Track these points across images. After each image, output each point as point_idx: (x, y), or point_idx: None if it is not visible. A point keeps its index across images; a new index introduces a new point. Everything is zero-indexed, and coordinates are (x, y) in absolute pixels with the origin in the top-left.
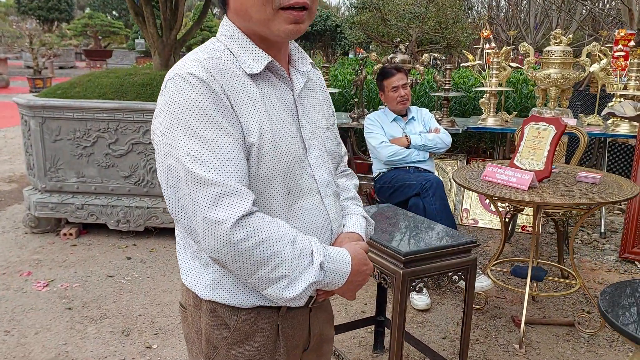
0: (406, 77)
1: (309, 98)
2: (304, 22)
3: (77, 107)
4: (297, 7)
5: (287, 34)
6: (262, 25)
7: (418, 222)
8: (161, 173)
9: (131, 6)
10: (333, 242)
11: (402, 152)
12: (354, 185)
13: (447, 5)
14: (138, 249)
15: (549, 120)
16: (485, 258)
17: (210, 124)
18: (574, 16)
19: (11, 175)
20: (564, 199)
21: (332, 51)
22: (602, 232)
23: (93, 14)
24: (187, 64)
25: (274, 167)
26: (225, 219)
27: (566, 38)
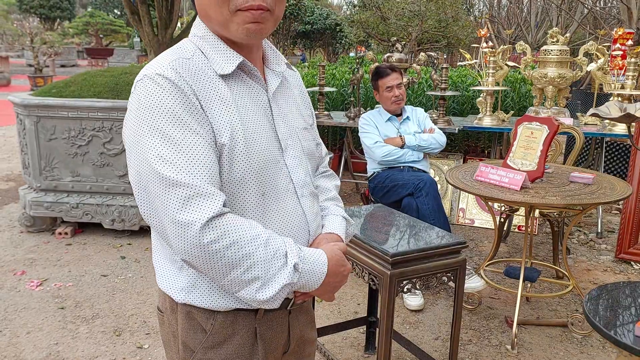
0: (401, 77)
1: (285, 98)
2: (264, 21)
3: (71, 106)
4: (254, 8)
5: (246, 34)
6: (222, 26)
7: (409, 222)
8: (132, 175)
9: (127, 5)
10: (310, 243)
11: (396, 152)
12: (334, 186)
13: (447, 4)
14: (133, 248)
15: (542, 120)
16: (481, 258)
17: (179, 124)
18: (574, 15)
19: (9, 174)
20: (556, 199)
21: (333, 49)
22: (598, 232)
23: (95, 12)
24: (156, 65)
25: (247, 168)
26: (195, 220)
27: (563, 37)
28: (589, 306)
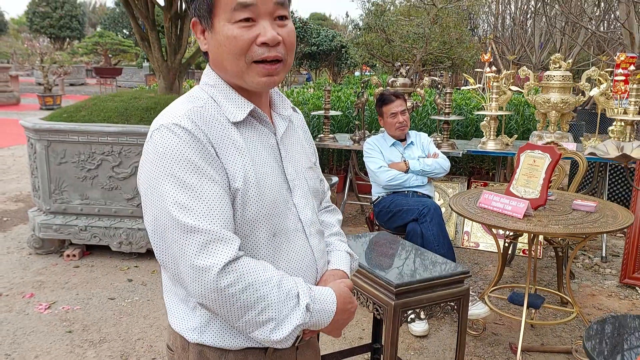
0: (405, 103)
1: (291, 140)
2: (278, 74)
3: (82, 131)
4: (270, 60)
5: (261, 86)
6: (237, 77)
7: (413, 251)
8: (148, 221)
9: (137, 31)
10: (318, 280)
11: (401, 177)
12: (337, 220)
13: (452, 26)
14: (140, 271)
15: (544, 148)
16: (485, 282)
17: (196, 171)
18: (577, 38)
19: (18, 194)
20: (558, 228)
21: (338, 69)
22: (603, 257)
23: (104, 32)
24: (172, 115)
25: (259, 210)
26: (212, 265)
27: (565, 63)
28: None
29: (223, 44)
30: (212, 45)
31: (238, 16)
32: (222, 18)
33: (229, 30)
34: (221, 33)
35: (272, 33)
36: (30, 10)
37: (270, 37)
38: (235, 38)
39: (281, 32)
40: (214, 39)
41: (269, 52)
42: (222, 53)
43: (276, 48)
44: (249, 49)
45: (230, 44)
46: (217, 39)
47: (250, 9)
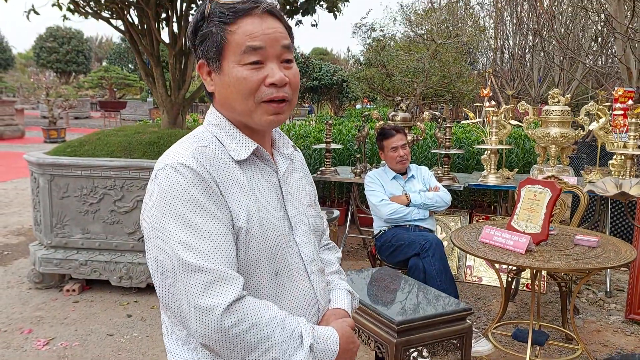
0: (405, 137)
1: (292, 178)
2: (284, 112)
3: (85, 165)
4: (277, 100)
5: (268, 124)
6: (245, 116)
7: (414, 287)
8: (151, 260)
9: (142, 67)
10: (320, 319)
11: (402, 210)
12: (337, 258)
13: (451, 61)
14: (139, 306)
15: (545, 183)
16: (489, 317)
17: (201, 210)
18: (576, 72)
19: (19, 227)
20: (561, 263)
21: (340, 103)
22: (607, 291)
23: (109, 67)
24: (177, 154)
25: (261, 248)
26: (216, 305)
27: (564, 98)
28: None
29: (232, 84)
30: (220, 86)
31: (248, 59)
32: (232, 60)
33: (238, 72)
34: (230, 74)
35: (280, 75)
36: (37, 45)
37: (278, 78)
38: (245, 79)
39: (287, 74)
40: (222, 80)
41: (277, 92)
42: (230, 93)
43: (283, 88)
44: (257, 90)
45: (240, 84)
46: (226, 80)
47: (260, 52)
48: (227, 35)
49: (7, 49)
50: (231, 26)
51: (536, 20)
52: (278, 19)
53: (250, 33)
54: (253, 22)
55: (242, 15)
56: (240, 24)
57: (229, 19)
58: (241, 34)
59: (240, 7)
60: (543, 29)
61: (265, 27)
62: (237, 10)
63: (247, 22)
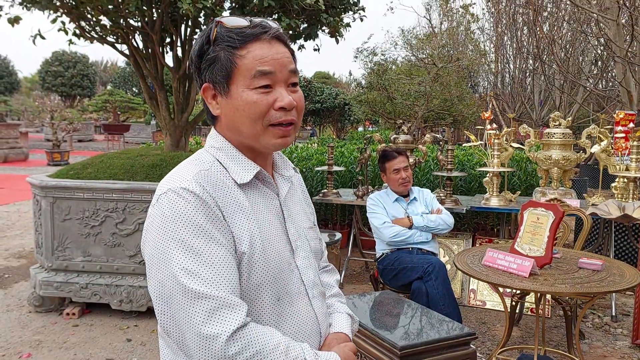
0: (407, 159)
1: (293, 200)
2: (290, 135)
3: (87, 188)
4: (284, 124)
5: (275, 147)
6: (252, 139)
7: (417, 311)
8: (153, 286)
9: (146, 91)
10: (322, 344)
11: (405, 233)
12: (335, 281)
13: (452, 84)
14: (139, 330)
15: (548, 206)
16: (493, 343)
17: (204, 236)
18: (576, 96)
19: (21, 250)
20: (565, 287)
21: (342, 126)
22: (613, 316)
23: (114, 90)
24: (179, 179)
25: (264, 273)
26: (220, 333)
27: (565, 121)
28: None
29: (241, 108)
30: (227, 110)
31: (257, 83)
32: (241, 84)
33: (248, 95)
34: (240, 98)
35: (289, 98)
36: (43, 69)
37: (287, 102)
38: (255, 103)
39: (294, 97)
40: (229, 104)
41: (285, 116)
42: (239, 117)
43: (291, 112)
44: (267, 113)
45: (250, 108)
46: (234, 103)
47: (269, 76)
48: (236, 60)
49: (13, 73)
50: (240, 50)
51: (536, 45)
52: (284, 44)
53: (261, 58)
54: (262, 47)
55: (251, 40)
56: (249, 48)
57: (238, 44)
58: (251, 58)
59: (249, 32)
60: (543, 53)
61: (274, 52)
62: (246, 35)
63: (256, 46)
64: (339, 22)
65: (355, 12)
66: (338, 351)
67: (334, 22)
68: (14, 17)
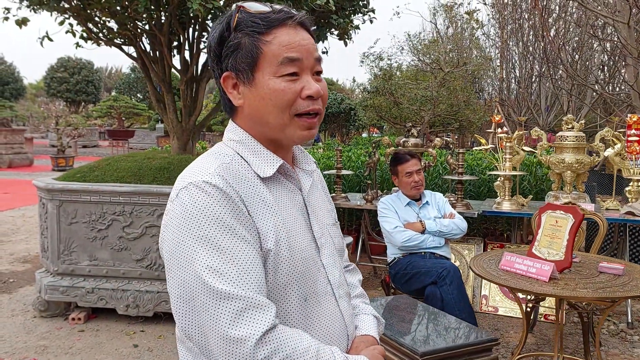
0: (419, 162)
1: (315, 196)
2: (315, 127)
3: (94, 191)
4: (311, 114)
5: (300, 139)
6: (278, 130)
7: (434, 315)
8: (173, 286)
9: (153, 94)
10: (349, 347)
11: (417, 238)
12: (358, 280)
13: (459, 89)
14: (146, 336)
15: (566, 208)
16: (507, 350)
17: (228, 232)
18: (585, 100)
19: (26, 255)
20: (587, 292)
21: (347, 131)
22: (629, 322)
23: (118, 96)
24: (201, 172)
25: (291, 272)
26: (248, 336)
27: (578, 124)
28: None
29: (268, 97)
30: (252, 99)
31: (285, 70)
32: (267, 72)
33: (275, 83)
34: (266, 86)
35: (316, 86)
36: (48, 75)
37: (315, 90)
38: (282, 91)
39: (320, 86)
40: (253, 93)
41: (313, 104)
42: (265, 106)
43: (317, 101)
44: (294, 102)
45: (277, 97)
46: (260, 92)
47: (297, 64)
48: (261, 45)
49: (19, 79)
50: (266, 36)
51: (543, 49)
52: (308, 31)
53: (288, 43)
54: (289, 32)
55: (276, 25)
56: (275, 33)
57: (263, 29)
58: (277, 44)
59: (274, 17)
60: (550, 56)
61: (300, 38)
62: (271, 20)
63: (282, 32)
64: (349, 24)
65: (365, 14)
66: (367, 354)
67: (344, 23)
68: (21, 19)
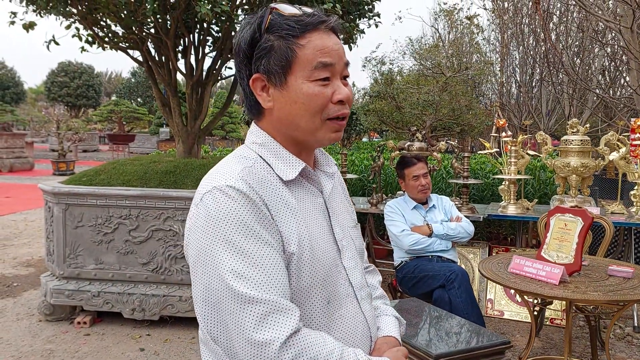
0: (426, 166)
1: (335, 198)
2: (342, 130)
3: (101, 194)
4: (341, 117)
5: (330, 141)
6: (309, 133)
7: (445, 318)
8: (198, 290)
9: (159, 97)
10: (372, 348)
11: (425, 241)
12: (378, 282)
13: (460, 94)
14: (152, 340)
15: (576, 212)
16: (514, 354)
17: (252, 237)
18: (586, 104)
19: (29, 259)
20: (598, 295)
21: (348, 136)
22: (635, 326)
23: (119, 101)
24: (224, 176)
25: (313, 275)
26: (273, 339)
27: (583, 128)
28: None
29: (300, 101)
30: (283, 102)
31: (318, 75)
32: (300, 76)
33: (308, 88)
34: (299, 90)
35: (346, 91)
36: (49, 79)
37: (345, 95)
38: (316, 96)
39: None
40: (285, 96)
41: (344, 109)
42: (297, 110)
43: (346, 105)
44: (326, 107)
45: (311, 101)
46: (292, 96)
47: (330, 68)
48: (296, 49)
49: (20, 84)
50: (300, 40)
51: (544, 53)
52: (337, 36)
53: (322, 48)
54: (322, 37)
55: (310, 30)
56: (309, 37)
57: (298, 32)
58: (312, 48)
59: (308, 20)
60: (551, 60)
61: (333, 43)
62: (306, 24)
63: (316, 36)
64: (355, 28)
65: (371, 18)
66: (390, 356)
67: (350, 28)
68: (28, 23)
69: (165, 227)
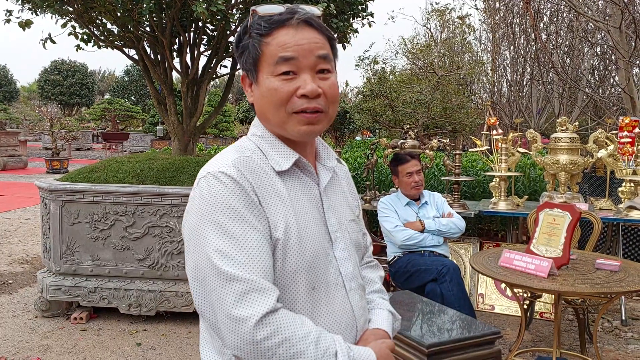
0: (420, 163)
1: (335, 191)
2: (318, 123)
3: (97, 191)
4: (309, 110)
5: (301, 134)
6: (279, 126)
7: (437, 310)
8: (189, 268)
9: (154, 95)
10: (358, 339)
11: (417, 237)
12: (379, 277)
13: (452, 92)
14: (148, 335)
15: (564, 207)
16: (505, 347)
17: (239, 220)
18: (576, 102)
19: (24, 256)
20: (585, 287)
21: (341, 134)
22: (623, 320)
23: (112, 99)
24: (219, 163)
25: (299, 261)
26: (249, 316)
27: (572, 126)
28: None
29: (265, 95)
30: (257, 97)
31: (279, 69)
32: (266, 71)
33: (270, 82)
34: (264, 85)
35: (311, 86)
36: (42, 78)
37: (309, 89)
38: (275, 90)
39: (322, 85)
40: (258, 91)
41: (308, 103)
42: (265, 104)
43: (316, 100)
44: (289, 101)
45: (272, 95)
46: (261, 91)
47: (291, 62)
48: (262, 47)
49: (12, 82)
50: (266, 37)
51: (535, 53)
52: (315, 29)
53: (283, 44)
54: (287, 32)
55: (277, 27)
56: (275, 35)
57: (264, 30)
58: (275, 45)
59: (276, 18)
60: (541, 60)
61: (299, 38)
62: (273, 22)
63: (281, 33)
64: (348, 28)
65: (364, 17)
66: (374, 347)
67: (343, 27)
68: (24, 21)
69: (161, 224)
